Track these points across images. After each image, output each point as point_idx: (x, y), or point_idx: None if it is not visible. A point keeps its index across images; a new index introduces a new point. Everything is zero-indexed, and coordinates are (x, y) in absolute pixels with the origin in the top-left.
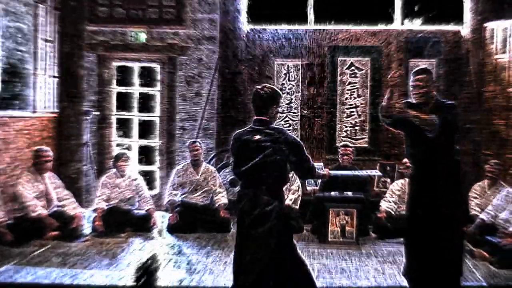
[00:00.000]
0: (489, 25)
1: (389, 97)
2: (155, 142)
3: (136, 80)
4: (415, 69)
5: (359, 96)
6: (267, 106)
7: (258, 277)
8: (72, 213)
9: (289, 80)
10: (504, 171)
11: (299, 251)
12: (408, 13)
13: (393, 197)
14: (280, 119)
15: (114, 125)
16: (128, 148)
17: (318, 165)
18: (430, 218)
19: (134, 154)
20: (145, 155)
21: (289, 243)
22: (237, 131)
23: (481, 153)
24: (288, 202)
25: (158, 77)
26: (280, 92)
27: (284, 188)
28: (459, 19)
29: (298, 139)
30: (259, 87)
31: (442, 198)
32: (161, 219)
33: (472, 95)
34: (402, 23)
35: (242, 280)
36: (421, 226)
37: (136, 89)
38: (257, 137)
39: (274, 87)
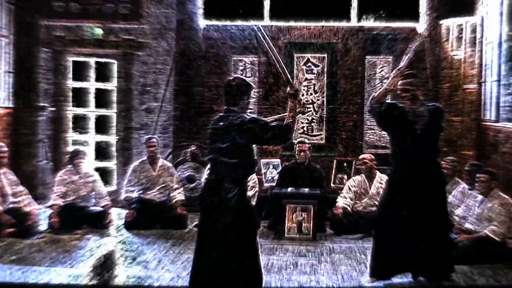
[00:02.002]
0: (445, 22)
1: (385, 89)
2: (111, 138)
3: (92, 75)
4: (405, 73)
5: (315, 92)
6: (238, 97)
7: (216, 274)
8: (28, 210)
9: (246, 76)
10: (459, 167)
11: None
12: (365, 10)
13: (350, 193)
14: None
15: (70, 121)
16: (84, 144)
17: (275, 161)
18: (407, 216)
19: (90, 150)
20: (102, 151)
21: (250, 236)
22: (213, 120)
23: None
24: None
25: (115, 72)
26: (252, 84)
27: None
28: (415, 16)
29: (255, 116)
30: (231, 78)
31: (422, 198)
32: (118, 215)
33: (428, 91)
34: (359, 20)
35: (200, 278)
36: (395, 223)
37: (92, 84)
38: (221, 124)
39: (245, 79)
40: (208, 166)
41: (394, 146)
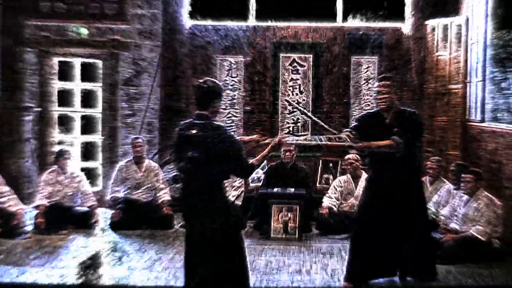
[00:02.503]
0: (430, 22)
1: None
2: (97, 138)
3: (78, 75)
4: (381, 76)
5: (301, 92)
6: (209, 100)
7: (207, 275)
8: (13, 210)
9: (231, 76)
10: (445, 167)
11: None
12: (350, 10)
13: (336, 193)
14: (223, 115)
15: (56, 121)
16: (70, 144)
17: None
18: (386, 220)
19: (76, 150)
20: (88, 151)
21: (235, 238)
22: (180, 124)
23: (423, 150)
24: (230, 198)
25: (100, 72)
26: (222, 86)
27: (226, 184)
28: (400, 17)
29: (236, 138)
30: (201, 80)
31: (400, 202)
32: (104, 216)
33: (414, 91)
34: (345, 20)
35: (192, 279)
36: (373, 226)
37: (78, 84)
38: (194, 131)
39: (216, 81)
40: None
41: (369, 154)
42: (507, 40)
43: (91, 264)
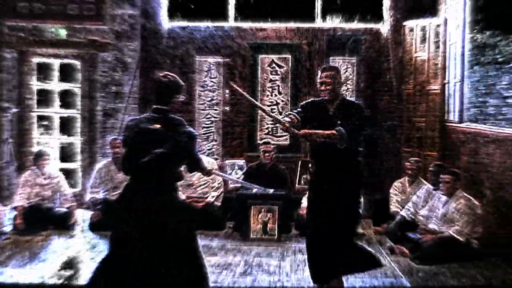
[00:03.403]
0: (408, 23)
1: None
2: (76, 139)
3: (56, 76)
4: (323, 66)
5: (280, 93)
6: (169, 95)
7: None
8: None
9: (210, 77)
10: (423, 168)
11: (200, 249)
12: (329, 11)
13: None
14: (202, 116)
15: (35, 122)
16: (49, 145)
17: (240, 161)
18: (328, 213)
19: (55, 151)
20: (67, 152)
21: (188, 238)
22: (132, 118)
23: (402, 150)
24: (210, 199)
25: (79, 73)
26: (182, 81)
27: (207, 186)
28: (379, 18)
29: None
30: (161, 74)
31: (340, 197)
32: (83, 217)
33: (392, 92)
34: (324, 21)
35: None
36: (319, 221)
37: (56, 85)
38: (157, 126)
39: (175, 75)
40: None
41: (311, 146)
42: (485, 41)
43: (70, 265)
